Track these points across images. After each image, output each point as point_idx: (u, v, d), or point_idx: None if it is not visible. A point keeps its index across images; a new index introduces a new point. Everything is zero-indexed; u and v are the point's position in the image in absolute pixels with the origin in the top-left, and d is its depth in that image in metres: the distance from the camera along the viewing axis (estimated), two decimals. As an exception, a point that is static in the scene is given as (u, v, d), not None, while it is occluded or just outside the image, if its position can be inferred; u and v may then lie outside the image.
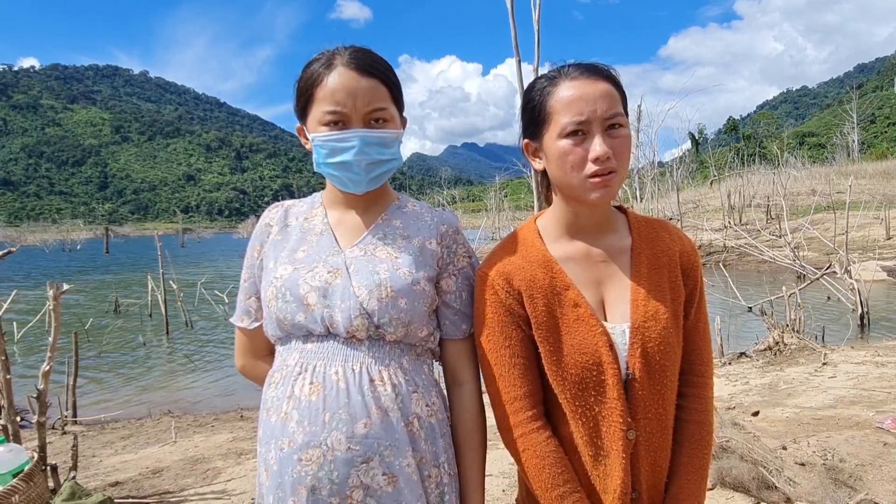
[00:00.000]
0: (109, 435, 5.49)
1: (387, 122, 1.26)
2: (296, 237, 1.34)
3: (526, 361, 1.22)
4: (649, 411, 1.18)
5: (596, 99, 1.14)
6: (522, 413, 1.20)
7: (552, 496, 1.16)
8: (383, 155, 1.27)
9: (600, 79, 1.17)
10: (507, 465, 3.93)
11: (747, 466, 3.22)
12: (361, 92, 1.22)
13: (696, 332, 1.28)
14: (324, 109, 1.23)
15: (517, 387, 1.21)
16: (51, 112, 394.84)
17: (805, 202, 23.32)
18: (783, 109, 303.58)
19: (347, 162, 1.24)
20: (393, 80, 1.27)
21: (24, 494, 2.65)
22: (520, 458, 1.20)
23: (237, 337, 1.45)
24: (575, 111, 1.14)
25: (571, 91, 1.16)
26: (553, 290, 1.21)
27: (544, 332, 1.20)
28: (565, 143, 1.16)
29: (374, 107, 1.23)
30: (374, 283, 1.22)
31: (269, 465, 1.24)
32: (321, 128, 1.24)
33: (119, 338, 11.33)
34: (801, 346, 6.90)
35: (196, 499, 3.72)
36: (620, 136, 1.16)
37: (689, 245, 1.30)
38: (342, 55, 1.25)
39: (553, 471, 1.17)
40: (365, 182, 1.28)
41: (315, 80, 1.24)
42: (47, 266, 33.09)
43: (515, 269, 1.24)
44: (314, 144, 1.27)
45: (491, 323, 1.23)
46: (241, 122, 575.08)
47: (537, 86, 1.23)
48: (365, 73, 1.23)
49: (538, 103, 1.21)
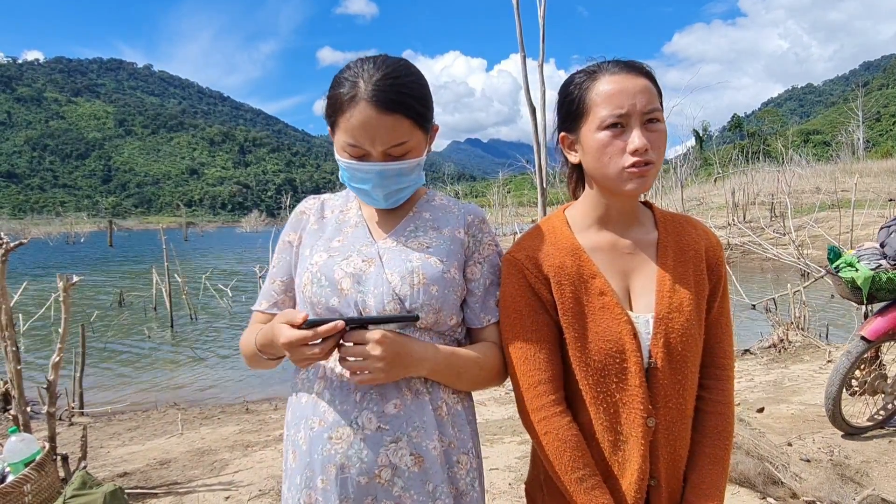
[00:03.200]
0: (116, 426, 5.52)
1: (407, 154, 1.25)
2: (332, 228, 1.38)
3: (551, 346, 1.24)
4: (670, 400, 1.21)
5: (636, 93, 1.17)
6: (546, 396, 1.22)
7: (572, 479, 1.18)
8: (401, 184, 1.29)
9: (639, 75, 1.20)
10: (514, 460, 3.95)
11: (753, 462, 3.23)
12: (381, 130, 1.20)
13: (719, 325, 1.30)
14: (345, 140, 1.23)
15: (542, 370, 1.22)
16: (55, 105, 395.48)
17: (809, 200, 23.28)
18: (788, 107, 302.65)
19: (366, 190, 1.28)
20: (417, 109, 1.23)
21: (35, 483, 2.68)
22: (541, 440, 1.22)
23: (251, 322, 1.45)
24: (615, 104, 1.17)
25: (612, 85, 1.18)
26: (580, 277, 1.24)
27: (570, 317, 1.22)
28: (604, 135, 1.18)
29: (394, 143, 1.22)
30: (407, 271, 1.25)
31: (297, 447, 1.26)
32: (344, 153, 1.26)
33: (124, 330, 11.38)
34: (805, 344, 6.90)
35: (204, 490, 3.74)
36: (658, 130, 1.19)
37: (714, 240, 1.33)
38: (367, 84, 1.19)
39: (574, 454, 1.19)
40: (384, 204, 1.32)
41: (338, 108, 1.23)
42: (52, 259, 33.21)
43: (544, 255, 1.26)
44: (339, 162, 1.30)
45: (518, 306, 1.25)
46: (245, 116, 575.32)
47: (575, 80, 1.25)
48: (387, 111, 1.19)
49: (576, 97, 1.23)
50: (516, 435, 4.46)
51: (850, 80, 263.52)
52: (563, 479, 1.19)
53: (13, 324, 3.33)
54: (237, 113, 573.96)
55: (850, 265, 3.76)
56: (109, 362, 8.92)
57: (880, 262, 3.69)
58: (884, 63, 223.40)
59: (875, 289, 3.65)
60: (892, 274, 3.63)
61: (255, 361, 1.36)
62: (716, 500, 1.22)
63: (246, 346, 1.37)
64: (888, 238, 3.76)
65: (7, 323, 3.27)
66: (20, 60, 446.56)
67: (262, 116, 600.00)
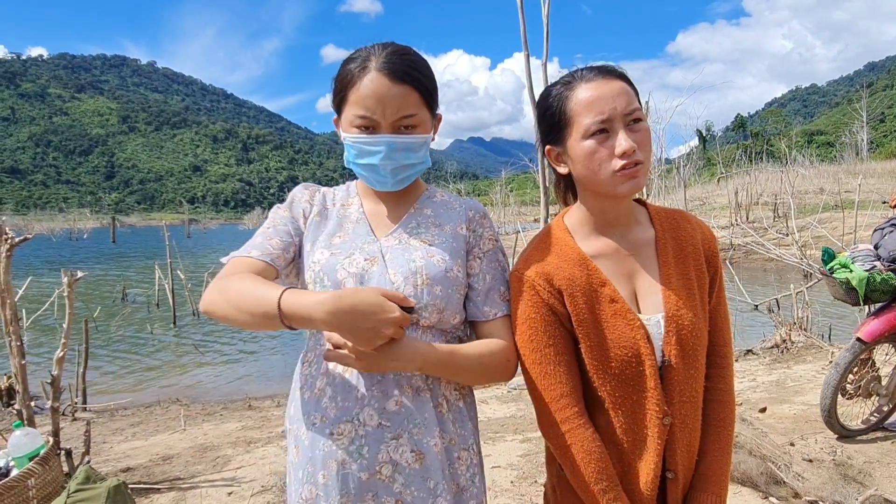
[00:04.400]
0: (119, 422, 5.54)
1: (415, 128, 1.27)
2: (333, 222, 1.37)
3: (569, 359, 1.25)
4: (684, 395, 1.23)
5: (614, 97, 1.18)
6: (570, 409, 1.23)
7: (595, 490, 1.20)
8: (409, 160, 1.29)
9: (615, 77, 1.22)
10: (515, 458, 3.95)
11: (755, 461, 3.23)
12: (391, 99, 1.22)
13: (718, 315, 1.33)
14: (354, 113, 1.25)
15: (563, 384, 1.23)
16: (58, 101, 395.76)
17: (813, 201, 23.20)
18: (792, 107, 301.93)
19: (374, 165, 1.27)
20: (426, 85, 1.27)
21: (40, 478, 2.69)
22: (565, 452, 1.23)
23: (231, 269, 1.24)
24: (596, 111, 1.18)
25: (590, 92, 1.20)
26: (590, 287, 1.25)
27: (586, 328, 1.23)
28: (590, 143, 1.19)
29: (404, 114, 1.24)
30: (410, 271, 1.25)
31: (300, 442, 1.27)
32: (352, 129, 1.27)
33: (127, 327, 11.40)
34: (808, 344, 6.89)
35: (206, 485, 3.76)
36: (641, 129, 1.20)
37: (708, 232, 1.36)
38: (377, 57, 1.24)
39: (598, 466, 1.20)
40: (391, 184, 1.31)
41: (349, 81, 1.25)
42: (55, 255, 33.25)
43: (554, 268, 1.26)
44: (345, 143, 1.30)
45: (534, 322, 1.25)
46: (248, 113, 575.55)
47: (553, 92, 1.26)
48: (397, 80, 1.22)
49: (557, 109, 1.24)
50: (518, 433, 4.46)
51: (854, 80, 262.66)
52: (586, 490, 1.21)
53: (18, 318, 3.34)
54: (240, 110, 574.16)
55: (845, 266, 3.77)
56: (112, 358, 8.94)
57: (874, 264, 3.70)
58: (888, 64, 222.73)
59: (870, 290, 3.66)
60: (886, 275, 3.64)
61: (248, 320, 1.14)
62: (721, 486, 1.26)
63: (241, 296, 1.13)
64: (882, 240, 3.77)
65: (11, 317, 3.28)
66: (24, 56, 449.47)
67: (265, 114, 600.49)
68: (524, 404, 5.32)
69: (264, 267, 1.24)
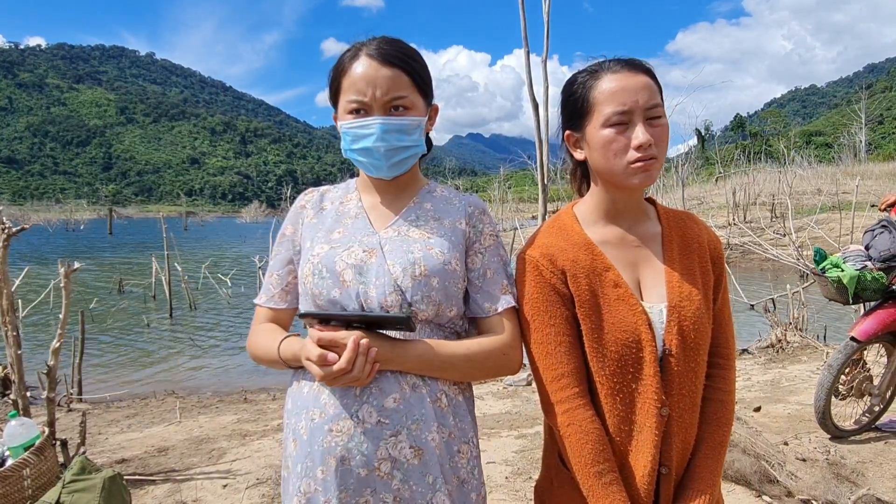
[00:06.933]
0: (114, 413, 5.53)
1: (407, 110, 1.30)
2: (331, 220, 1.39)
3: (571, 339, 1.26)
4: (683, 388, 1.24)
5: (638, 90, 1.21)
6: (569, 389, 1.23)
7: (591, 472, 1.20)
8: (403, 142, 1.31)
9: (640, 72, 1.24)
10: (511, 454, 3.96)
11: (749, 460, 3.25)
12: (381, 81, 1.27)
13: (722, 315, 1.35)
14: (347, 98, 1.30)
15: (563, 364, 1.24)
16: (56, 91, 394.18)
17: (810, 201, 23.25)
18: (791, 108, 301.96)
19: (368, 148, 1.30)
20: (416, 69, 1.31)
21: (35, 468, 2.69)
22: (563, 432, 1.23)
23: (256, 318, 1.46)
24: (618, 101, 1.21)
25: (614, 83, 1.22)
26: (594, 270, 1.27)
27: (587, 310, 1.24)
28: (609, 132, 1.22)
29: (394, 95, 1.28)
30: (409, 262, 1.26)
31: (298, 436, 1.27)
32: (347, 116, 1.31)
33: (123, 318, 11.39)
34: (803, 345, 6.92)
35: (202, 477, 3.76)
36: (660, 125, 1.23)
37: (714, 236, 1.38)
38: (368, 46, 1.30)
39: (595, 447, 1.21)
40: (386, 167, 1.33)
41: (342, 70, 1.32)
42: (51, 245, 33.19)
43: (558, 250, 1.29)
44: (342, 132, 1.33)
45: (536, 302, 1.27)
46: (247, 106, 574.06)
47: (578, 79, 1.29)
48: (386, 63, 1.28)
49: (580, 96, 1.27)
50: (514, 429, 4.48)
51: (853, 82, 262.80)
52: (581, 471, 1.21)
53: (14, 308, 3.34)
54: (239, 103, 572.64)
55: (836, 266, 3.82)
56: (107, 350, 8.92)
57: (865, 263, 3.76)
58: (888, 66, 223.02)
59: (860, 288, 3.71)
60: (877, 274, 3.69)
61: (271, 365, 1.36)
62: (712, 486, 1.25)
63: (260, 350, 1.37)
64: (872, 241, 3.84)
65: (8, 308, 3.28)
66: (22, 46, 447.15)
67: (263, 107, 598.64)
68: (520, 401, 5.33)
69: (270, 313, 1.42)
